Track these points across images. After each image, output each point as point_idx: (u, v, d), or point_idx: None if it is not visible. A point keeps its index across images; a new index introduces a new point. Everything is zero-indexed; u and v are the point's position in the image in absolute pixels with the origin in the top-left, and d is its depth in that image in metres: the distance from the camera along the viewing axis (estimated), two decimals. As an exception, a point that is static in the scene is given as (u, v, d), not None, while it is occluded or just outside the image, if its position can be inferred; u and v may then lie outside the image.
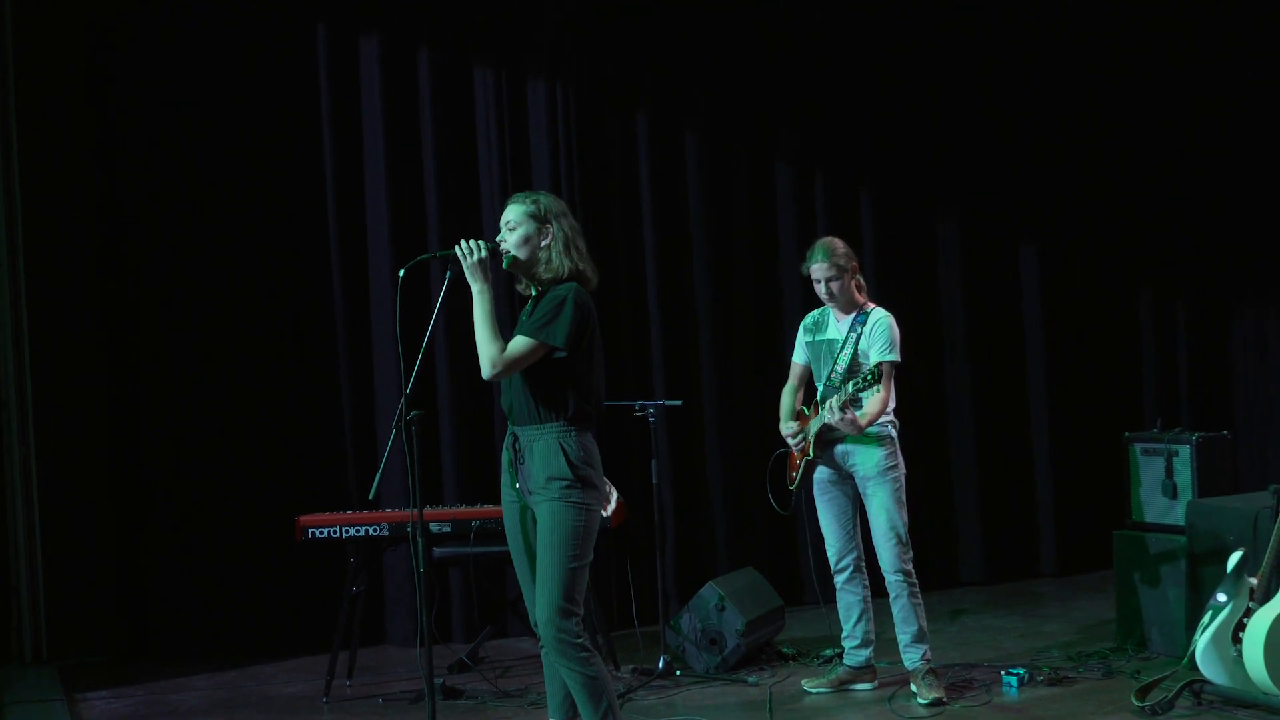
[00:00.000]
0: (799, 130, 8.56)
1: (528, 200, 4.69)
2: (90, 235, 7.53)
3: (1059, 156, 9.17)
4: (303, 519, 6.49)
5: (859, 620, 6.18)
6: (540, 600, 4.55)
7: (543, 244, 4.64)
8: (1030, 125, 9.09)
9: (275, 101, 7.65)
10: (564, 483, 4.52)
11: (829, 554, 6.21)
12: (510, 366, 4.54)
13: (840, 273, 6.04)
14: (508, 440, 4.69)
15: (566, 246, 4.63)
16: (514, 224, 4.66)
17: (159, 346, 7.51)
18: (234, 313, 7.60)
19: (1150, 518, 6.79)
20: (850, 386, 5.79)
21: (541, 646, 4.75)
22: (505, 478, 4.71)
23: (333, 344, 7.70)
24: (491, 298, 4.59)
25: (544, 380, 4.56)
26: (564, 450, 4.54)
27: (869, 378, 5.72)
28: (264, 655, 7.36)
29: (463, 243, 4.61)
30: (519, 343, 4.54)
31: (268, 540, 7.42)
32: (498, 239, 4.69)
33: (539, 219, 4.65)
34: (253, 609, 7.53)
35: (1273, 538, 5.45)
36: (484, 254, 4.58)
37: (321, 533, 6.44)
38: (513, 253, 4.64)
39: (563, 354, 4.53)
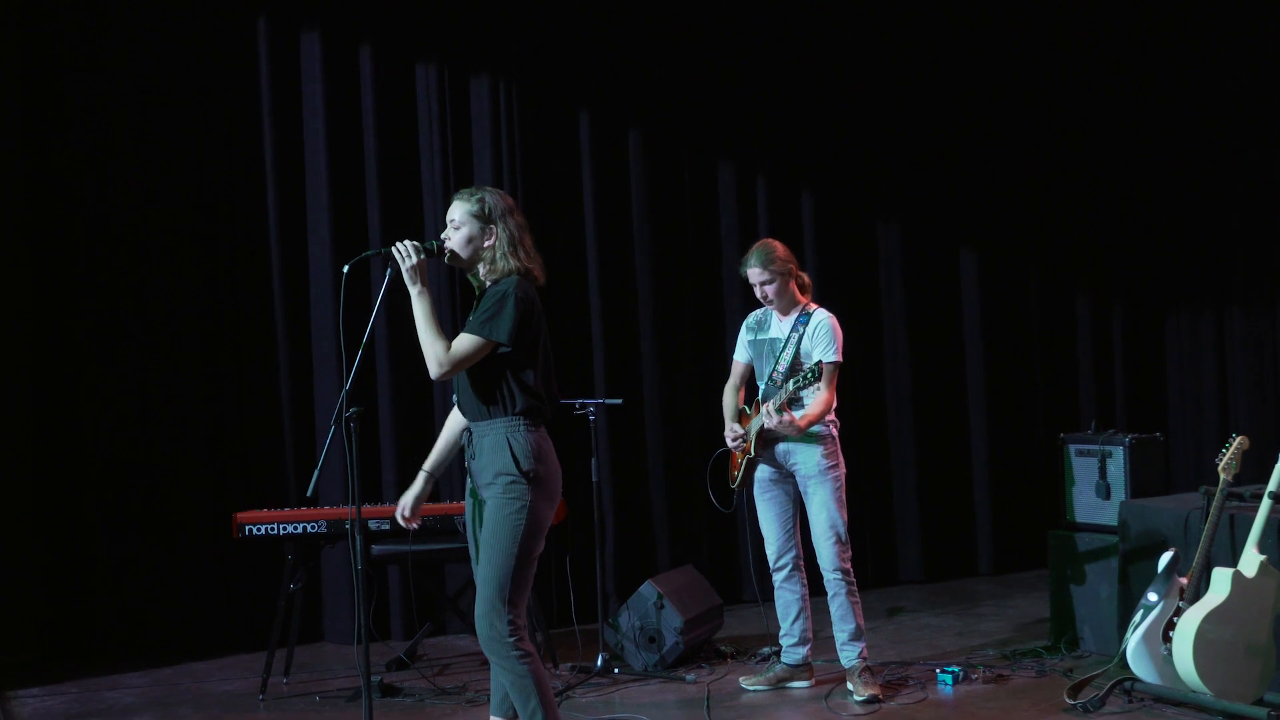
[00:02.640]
0: (742, 131, 8.59)
1: (472, 199, 4.67)
2: (23, 229, 7.43)
3: (1000, 161, 9.25)
4: (240, 516, 6.46)
5: (797, 618, 6.22)
6: (478, 594, 4.55)
7: (486, 244, 4.63)
8: (971, 130, 9.17)
9: (215, 97, 7.59)
10: (509, 478, 4.52)
11: (768, 552, 6.24)
12: (457, 365, 4.52)
13: (775, 276, 6.07)
14: (464, 435, 4.69)
15: (513, 247, 4.61)
16: (458, 223, 4.65)
17: (93, 341, 7.43)
18: (171, 307, 7.54)
19: (1084, 518, 6.87)
20: (791, 385, 5.83)
21: None
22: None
23: (272, 340, 7.66)
24: (430, 299, 4.57)
25: (488, 376, 4.56)
26: (510, 445, 4.53)
27: (809, 375, 5.76)
28: (200, 653, 7.31)
29: (399, 245, 4.59)
30: (463, 340, 4.53)
31: (205, 537, 7.39)
32: (443, 235, 4.68)
33: (483, 219, 4.63)
34: (189, 606, 7.47)
35: (1203, 538, 5.54)
36: (420, 257, 4.56)
37: (259, 530, 6.41)
38: (454, 250, 4.63)
39: (507, 349, 4.53)
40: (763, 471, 6.19)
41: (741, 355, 6.37)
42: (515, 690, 4.53)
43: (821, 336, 6.03)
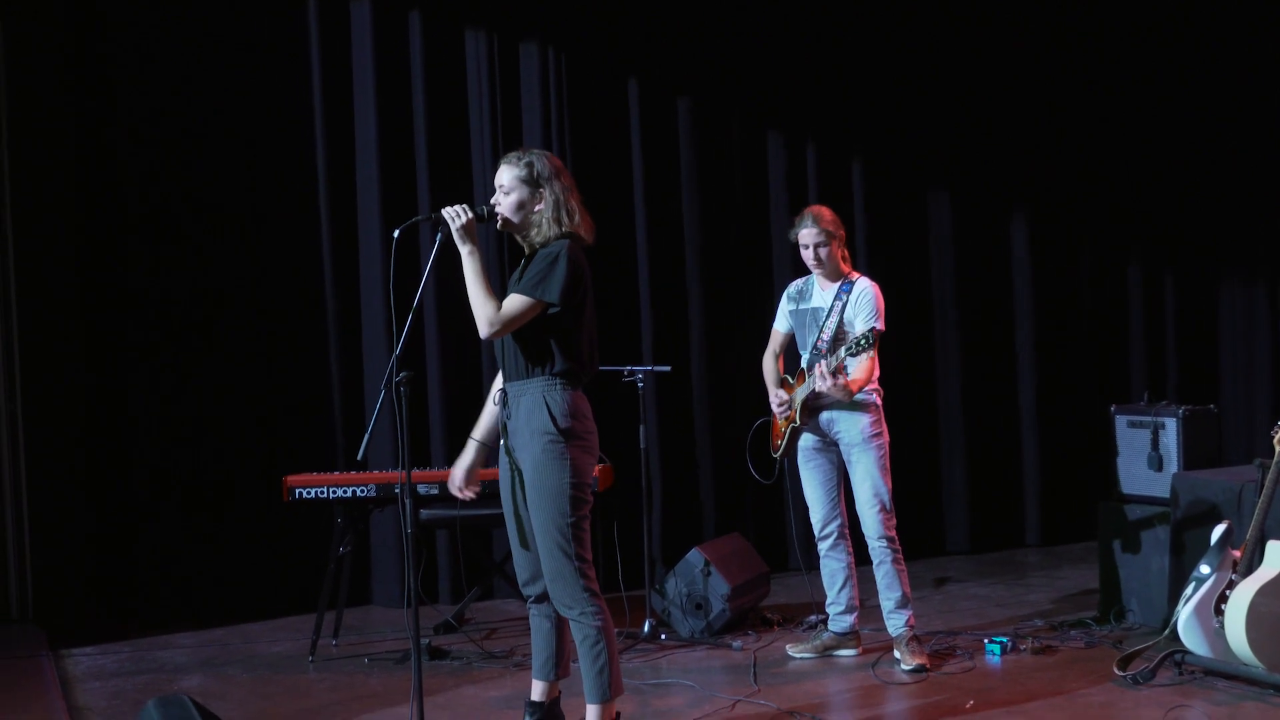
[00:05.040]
0: (791, 98, 8.54)
1: (520, 163, 4.66)
2: (76, 196, 7.48)
3: (1051, 128, 9.17)
4: (290, 479, 6.49)
5: (843, 587, 6.21)
6: (543, 560, 4.58)
7: (535, 208, 4.63)
8: (1023, 97, 9.09)
9: (266, 65, 7.61)
10: (548, 436, 4.54)
11: (813, 521, 6.23)
12: (507, 325, 4.54)
13: (829, 239, 6.05)
14: (499, 396, 4.71)
15: (556, 211, 4.62)
16: (507, 188, 4.65)
17: (147, 307, 7.49)
18: (223, 274, 7.58)
19: (1135, 490, 6.82)
20: (843, 351, 5.80)
21: (529, 608, 4.80)
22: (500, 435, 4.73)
23: (321, 305, 7.69)
24: (481, 259, 4.59)
25: (532, 335, 4.57)
26: (547, 404, 4.55)
27: (862, 342, 5.71)
28: (250, 614, 7.38)
29: (449, 207, 4.60)
30: (514, 301, 4.54)
31: (255, 500, 7.45)
32: (492, 200, 4.69)
33: (531, 183, 4.63)
34: (240, 568, 7.54)
35: (1257, 511, 5.49)
36: (469, 218, 4.57)
37: (309, 493, 6.45)
38: (505, 215, 4.64)
39: (557, 309, 4.53)
40: (806, 440, 6.18)
41: (781, 325, 6.35)
42: (585, 646, 4.57)
43: (864, 305, 6.00)
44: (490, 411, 4.87)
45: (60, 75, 7.43)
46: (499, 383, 4.81)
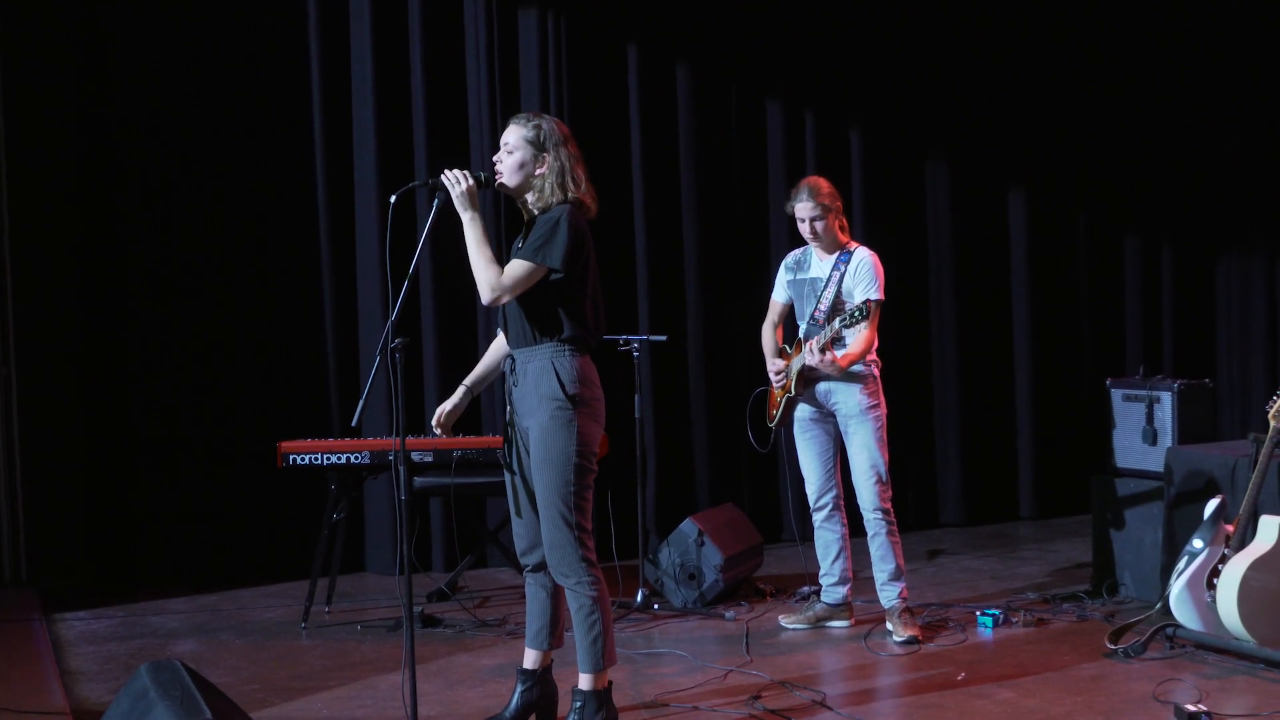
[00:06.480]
0: (790, 67, 8.51)
1: (528, 124, 4.61)
2: (73, 154, 7.47)
3: (1051, 98, 9.14)
4: (284, 445, 6.47)
5: (837, 558, 6.22)
6: (542, 526, 4.57)
7: (537, 172, 4.59)
8: (1022, 67, 9.06)
9: (262, 28, 7.56)
10: (556, 403, 4.51)
11: (808, 492, 6.23)
12: (510, 291, 4.51)
13: (825, 212, 6.02)
14: (506, 363, 4.69)
15: (561, 178, 4.57)
16: (512, 147, 4.61)
17: (143, 269, 7.47)
18: (218, 237, 7.56)
19: (1130, 464, 6.82)
20: (837, 323, 5.79)
21: (525, 577, 4.79)
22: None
23: (317, 271, 7.67)
24: (482, 225, 4.56)
25: (537, 303, 4.54)
26: (556, 370, 4.53)
27: (856, 314, 5.70)
28: (244, 580, 7.39)
29: (448, 172, 4.57)
30: (516, 266, 4.51)
31: (249, 465, 7.44)
32: (495, 158, 4.66)
33: (537, 145, 4.58)
34: (233, 534, 7.55)
35: (1250, 486, 5.49)
36: (470, 183, 4.54)
37: (303, 459, 6.43)
38: (503, 179, 4.61)
39: (560, 275, 4.51)
40: (803, 411, 6.17)
41: (780, 295, 6.33)
42: (580, 616, 4.56)
43: (864, 274, 5.99)
44: (486, 363, 4.88)
45: (60, 73, 7.41)
46: (499, 342, 4.79)
